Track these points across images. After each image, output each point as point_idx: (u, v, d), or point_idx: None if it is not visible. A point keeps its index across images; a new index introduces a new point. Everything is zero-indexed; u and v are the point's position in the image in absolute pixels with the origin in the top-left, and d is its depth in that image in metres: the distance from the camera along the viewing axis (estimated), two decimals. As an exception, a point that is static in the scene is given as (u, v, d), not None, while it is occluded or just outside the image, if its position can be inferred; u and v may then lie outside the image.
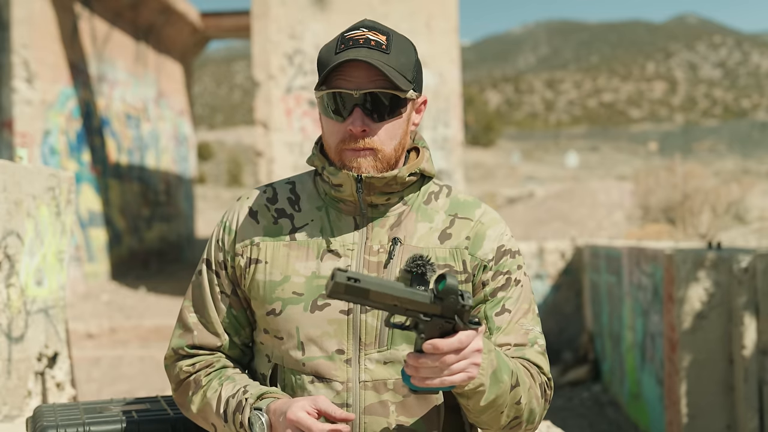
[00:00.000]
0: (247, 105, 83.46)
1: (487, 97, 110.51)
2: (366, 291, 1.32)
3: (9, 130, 11.08)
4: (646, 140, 67.33)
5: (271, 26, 10.07)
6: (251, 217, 1.67)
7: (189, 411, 1.68)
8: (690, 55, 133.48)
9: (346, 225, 1.63)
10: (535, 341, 1.64)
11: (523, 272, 1.68)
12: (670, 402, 5.43)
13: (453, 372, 1.37)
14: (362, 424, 1.57)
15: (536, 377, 1.60)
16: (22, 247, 3.21)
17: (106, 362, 8.59)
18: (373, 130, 1.56)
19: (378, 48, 1.55)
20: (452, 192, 1.71)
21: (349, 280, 1.32)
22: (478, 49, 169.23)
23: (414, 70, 1.62)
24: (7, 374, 3.12)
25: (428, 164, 1.67)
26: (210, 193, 36.83)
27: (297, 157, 9.93)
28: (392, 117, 1.57)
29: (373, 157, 1.57)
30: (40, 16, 11.35)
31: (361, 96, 1.54)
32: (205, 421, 1.65)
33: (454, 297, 1.34)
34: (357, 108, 1.55)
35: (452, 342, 1.35)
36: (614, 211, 18.42)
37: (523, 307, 1.64)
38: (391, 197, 1.63)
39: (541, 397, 1.60)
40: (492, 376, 1.47)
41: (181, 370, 1.68)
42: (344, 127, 1.56)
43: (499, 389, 1.48)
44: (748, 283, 4.86)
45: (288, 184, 1.72)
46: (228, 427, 1.57)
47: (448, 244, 1.63)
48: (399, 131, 1.60)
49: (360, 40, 1.56)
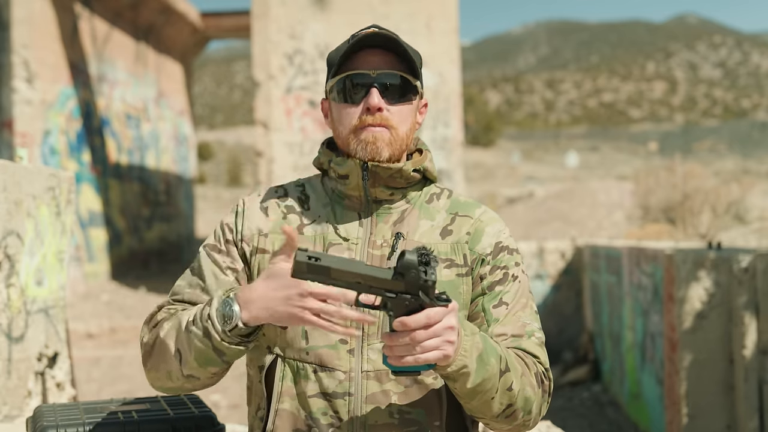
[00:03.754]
0: (247, 105, 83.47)
1: (487, 97, 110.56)
2: (327, 269, 1.34)
3: (9, 130, 11.09)
4: (646, 140, 67.37)
5: (271, 26, 10.07)
6: (261, 210, 1.70)
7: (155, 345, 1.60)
8: (690, 55, 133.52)
9: (351, 220, 1.66)
10: (533, 333, 1.64)
11: (521, 270, 1.70)
12: (670, 402, 5.43)
13: (426, 349, 1.38)
14: (364, 413, 1.58)
15: (531, 366, 1.60)
16: (22, 247, 3.21)
17: (106, 362, 8.60)
18: (389, 109, 1.61)
19: (392, 42, 1.62)
20: (453, 194, 1.76)
21: (309, 259, 1.33)
22: (478, 49, 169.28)
23: (420, 71, 1.68)
24: (7, 374, 3.12)
25: (431, 164, 1.72)
26: (210, 193, 36.85)
27: (297, 157, 9.93)
28: (405, 101, 1.63)
29: (387, 133, 1.61)
30: (40, 16, 11.35)
31: (378, 75, 1.60)
32: (170, 352, 1.57)
33: (415, 272, 1.34)
34: (374, 88, 1.60)
35: (419, 318, 1.36)
36: (614, 211, 18.42)
37: (521, 302, 1.66)
38: (395, 193, 1.67)
39: (537, 386, 1.59)
40: (478, 358, 1.47)
41: (160, 313, 1.66)
42: (360, 107, 1.61)
43: (486, 372, 1.48)
44: (748, 283, 4.86)
45: (298, 186, 1.75)
46: (193, 331, 1.51)
47: (449, 240, 1.66)
48: (410, 117, 1.65)
49: (372, 32, 1.62)
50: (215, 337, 1.50)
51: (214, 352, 1.52)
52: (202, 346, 1.52)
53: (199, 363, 1.55)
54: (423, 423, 1.60)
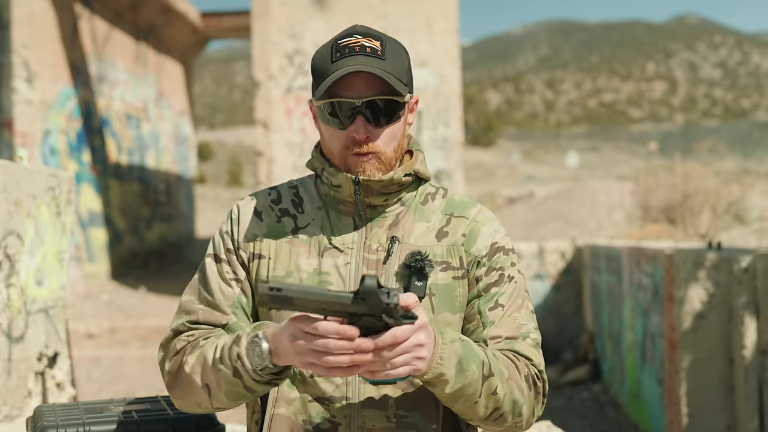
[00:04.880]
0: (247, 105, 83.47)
1: (487, 97, 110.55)
2: (290, 298, 1.36)
3: (9, 130, 11.08)
4: (646, 140, 67.39)
5: (271, 26, 10.07)
6: (255, 215, 1.69)
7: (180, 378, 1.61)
8: (690, 55, 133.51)
9: (346, 225, 1.65)
10: (528, 335, 1.64)
11: (517, 270, 1.69)
12: (670, 402, 5.43)
13: (395, 365, 1.39)
14: (361, 418, 1.58)
15: (522, 369, 1.60)
16: (22, 247, 3.21)
17: (106, 362, 8.60)
18: (375, 135, 1.59)
19: (374, 54, 1.57)
20: (448, 193, 1.74)
21: (272, 291, 1.35)
22: (478, 49, 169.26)
23: (408, 73, 1.64)
24: (7, 374, 3.12)
25: (422, 166, 1.70)
26: (210, 193, 36.84)
27: (297, 157, 9.93)
28: (392, 122, 1.60)
29: (376, 160, 1.60)
30: (40, 16, 11.35)
31: (363, 103, 1.56)
32: (197, 385, 1.58)
33: (375, 297, 1.35)
34: (359, 116, 1.57)
35: (386, 338, 1.37)
36: (614, 211, 18.43)
37: (516, 302, 1.66)
38: (389, 198, 1.66)
39: (528, 389, 1.59)
40: (457, 366, 1.48)
41: (179, 341, 1.65)
42: (346, 134, 1.59)
43: (465, 378, 1.49)
44: (748, 283, 4.86)
45: (291, 188, 1.74)
46: (222, 371, 1.52)
47: (445, 242, 1.66)
48: (398, 134, 1.63)
49: (355, 47, 1.57)
50: (246, 378, 1.50)
51: (245, 390, 1.53)
52: (232, 385, 1.53)
53: (230, 399, 1.56)
54: (420, 426, 1.60)
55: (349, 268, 1.61)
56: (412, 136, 1.75)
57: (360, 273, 1.60)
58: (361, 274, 1.60)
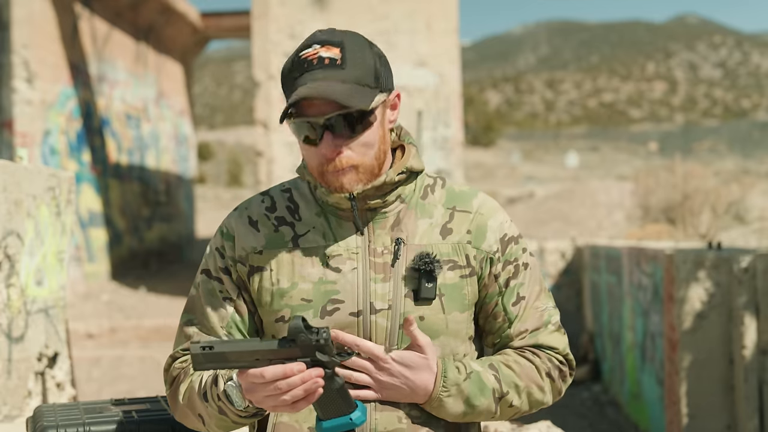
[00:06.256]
0: (247, 105, 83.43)
1: (487, 97, 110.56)
2: (223, 354, 1.38)
3: (9, 130, 11.09)
4: (646, 140, 67.38)
5: (271, 26, 10.08)
6: (251, 225, 1.66)
7: (178, 406, 1.65)
8: (690, 55, 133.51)
9: (347, 230, 1.62)
10: (549, 321, 1.68)
11: (529, 253, 1.71)
12: (670, 402, 5.43)
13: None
14: (374, 421, 1.57)
15: (543, 366, 1.63)
16: (22, 247, 3.21)
17: (106, 362, 8.60)
18: (347, 147, 1.55)
19: (332, 66, 1.52)
20: (447, 183, 1.71)
21: (204, 350, 1.37)
22: (478, 49, 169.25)
23: (375, 74, 1.57)
24: (7, 374, 3.12)
25: (415, 160, 1.65)
26: (210, 193, 36.83)
27: (297, 158, 9.93)
28: (363, 130, 1.56)
29: (354, 172, 1.56)
30: (40, 16, 11.35)
31: (327, 120, 1.52)
32: (192, 415, 1.62)
33: (304, 335, 1.36)
34: (326, 132, 1.54)
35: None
36: (614, 211, 18.44)
37: (535, 290, 1.68)
38: (387, 198, 1.62)
39: (551, 382, 1.65)
40: (465, 402, 1.56)
41: (174, 368, 1.68)
42: (319, 151, 1.56)
43: (474, 410, 1.57)
44: (748, 283, 4.86)
45: (285, 192, 1.70)
46: (209, 407, 1.56)
47: (450, 240, 1.64)
48: (374, 139, 1.58)
49: (313, 60, 1.52)
50: (231, 416, 1.54)
51: (235, 424, 1.57)
52: (221, 420, 1.57)
53: (224, 430, 1.60)
54: (431, 427, 1.60)
55: (357, 274, 1.58)
56: (402, 128, 1.70)
57: (369, 278, 1.58)
58: (369, 278, 1.58)
